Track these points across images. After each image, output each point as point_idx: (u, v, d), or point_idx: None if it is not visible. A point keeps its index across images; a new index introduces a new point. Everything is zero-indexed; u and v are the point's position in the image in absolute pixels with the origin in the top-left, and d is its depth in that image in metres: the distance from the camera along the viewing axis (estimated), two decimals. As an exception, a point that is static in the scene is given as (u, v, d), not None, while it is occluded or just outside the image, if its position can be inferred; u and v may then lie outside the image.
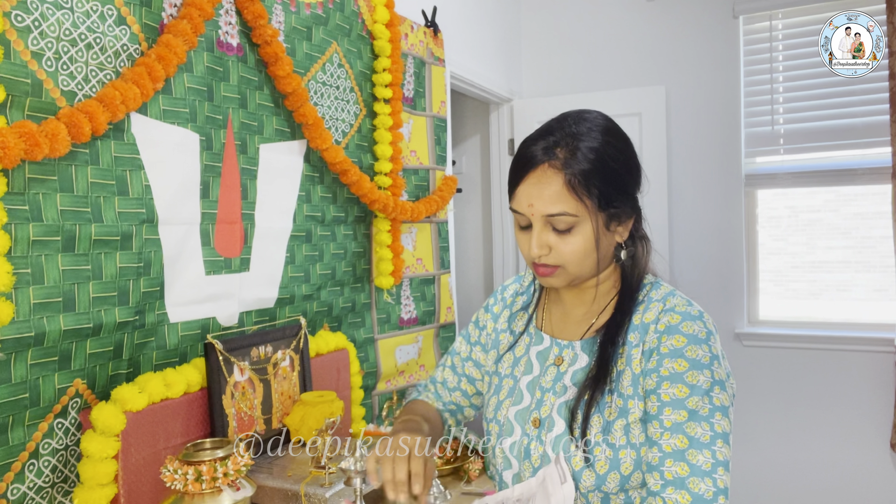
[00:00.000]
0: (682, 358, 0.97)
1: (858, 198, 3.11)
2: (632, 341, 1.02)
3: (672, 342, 0.98)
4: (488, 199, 3.71)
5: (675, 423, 0.95)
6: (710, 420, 0.95)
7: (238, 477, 1.20)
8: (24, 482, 1.18)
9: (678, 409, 0.96)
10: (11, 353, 1.14)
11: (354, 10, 2.03)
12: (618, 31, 3.43)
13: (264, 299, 1.72)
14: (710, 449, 0.94)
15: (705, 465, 0.93)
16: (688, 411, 0.95)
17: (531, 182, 1.00)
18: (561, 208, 0.98)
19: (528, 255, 1.05)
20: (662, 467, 0.95)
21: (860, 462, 3.00)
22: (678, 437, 0.95)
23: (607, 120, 1.05)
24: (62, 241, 1.21)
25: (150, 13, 1.37)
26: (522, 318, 1.19)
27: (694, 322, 0.99)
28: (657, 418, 0.97)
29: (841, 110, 3.05)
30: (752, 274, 3.28)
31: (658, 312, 1.02)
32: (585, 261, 1.02)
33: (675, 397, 0.96)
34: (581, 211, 0.99)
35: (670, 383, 0.96)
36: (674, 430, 0.95)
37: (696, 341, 0.97)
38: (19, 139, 1.06)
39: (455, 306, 2.65)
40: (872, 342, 2.96)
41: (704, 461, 0.93)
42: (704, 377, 0.96)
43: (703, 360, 0.96)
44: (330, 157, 1.84)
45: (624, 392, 1.01)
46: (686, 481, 0.93)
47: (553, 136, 1.01)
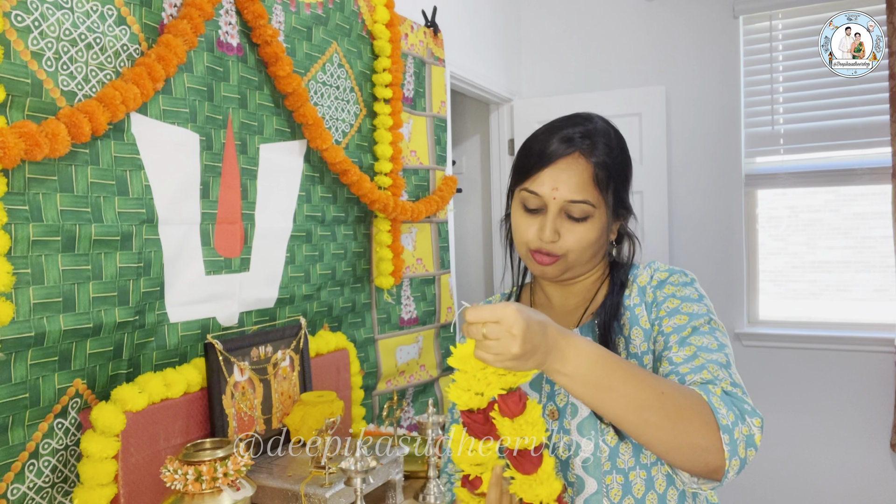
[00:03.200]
0: (674, 297, 1.03)
1: (858, 198, 3.11)
2: (633, 304, 1.06)
3: (664, 291, 1.04)
4: (488, 199, 3.71)
5: (681, 339, 0.98)
6: (714, 335, 0.98)
7: (238, 477, 1.20)
8: (24, 482, 1.18)
9: (681, 331, 0.99)
10: (11, 353, 1.14)
11: (354, 10, 2.03)
12: (618, 31, 3.43)
13: (264, 299, 1.72)
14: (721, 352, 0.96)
15: (720, 359, 0.94)
16: (691, 328, 0.98)
17: (561, 167, 1.02)
18: (584, 196, 1.02)
19: (531, 239, 1.05)
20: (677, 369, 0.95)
21: (860, 462, 3.00)
22: (686, 348, 0.96)
23: (612, 124, 1.12)
24: (62, 241, 1.21)
25: (150, 13, 1.37)
26: None
27: (679, 274, 1.07)
28: (666, 347, 0.99)
29: (841, 110, 3.05)
30: (752, 274, 3.28)
31: (648, 274, 1.08)
32: (586, 252, 1.05)
33: (677, 325, 1.00)
34: (599, 202, 1.03)
35: (669, 317, 1.01)
36: (680, 344, 0.97)
37: (684, 284, 1.05)
38: (19, 139, 1.06)
39: (455, 306, 2.65)
40: (872, 342, 2.96)
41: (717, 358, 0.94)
42: (698, 307, 1.01)
43: (693, 296, 1.03)
44: (330, 157, 1.84)
45: (637, 352, 1.03)
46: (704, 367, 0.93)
47: (577, 128, 1.04)
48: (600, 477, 1.01)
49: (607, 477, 1.01)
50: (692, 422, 0.83)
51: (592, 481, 1.02)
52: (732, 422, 0.84)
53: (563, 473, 1.04)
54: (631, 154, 1.12)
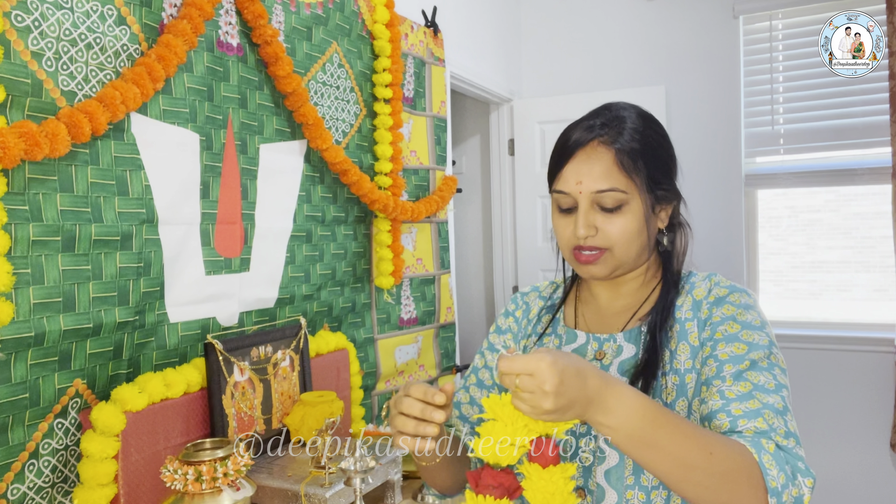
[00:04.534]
0: (734, 321, 0.96)
1: (858, 198, 3.11)
2: (684, 318, 1.00)
3: (723, 311, 0.97)
4: (488, 199, 3.71)
5: (737, 371, 0.91)
6: (773, 372, 0.91)
7: (238, 477, 1.20)
8: (24, 482, 1.18)
9: (738, 362, 0.92)
10: (11, 353, 1.14)
11: (354, 10, 2.03)
12: (618, 31, 3.43)
13: (264, 299, 1.72)
14: (778, 395, 0.89)
15: (777, 405, 0.87)
16: (749, 361, 0.91)
17: (580, 160, 0.98)
18: (611, 184, 0.96)
19: (570, 239, 1.01)
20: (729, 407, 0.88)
21: (860, 462, 3.00)
22: (742, 384, 0.90)
23: (643, 109, 1.06)
24: (62, 241, 1.21)
25: (150, 13, 1.37)
26: (547, 319, 1.13)
27: (740, 294, 0.99)
28: (718, 376, 0.92)
29: (841, 110, 3.05)
30: (752, 274, 3.28)
31: (707, 288, 1.02)
32: (633, 243, 0.99)
33: (734, 354, 0.93)
34: (631, 188, 0.97)
35: (726, 343, 0.94)
36: (736, 378, 0.90)
37: (746, 307, 0.97)
38: (19, 139, 1.06)
39: (455, 306, 2.65)
40: (872, 342, 2.96)
41: (775, 402, 0.88)
42: (759, 336, 0.94)
43: (755, 322, 0.96)
44: (330, 157, 1.84)
45: (681, 368, 0.98)
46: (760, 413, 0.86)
47: (598, 118, 1.01)
48: (622, 490, 0.97)
49: (629, 491, 0.96)
50: (739, 484, 0.79)
51: (613, 493, 0.97)
52: (783, 484, 0.80)
53: (585, 480, 1.00)
54: None
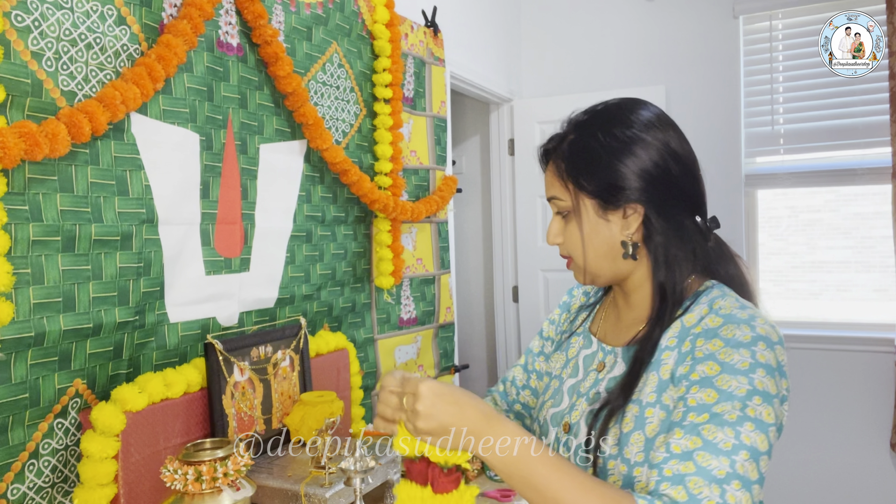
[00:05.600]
0: (715, 361, 0.84)
1: (858, 198, 3.11)
2: (665, 345, 0.91)
3: (709, 346, 0.86)
4: (488, 199, 3.71)
5: (692, 424, 0.81)
6: (738, 428, 0.79)
7: (238, 477, 1.20)
8: (24, 482, 1.18)
9: (702, 413, 0.82)
10: (11, 353, 1.14)
11: (354, 10, 2.03)
12: (618, 31, 3.43)
13: (264, 299, 1.72)
14: (729, 458, 0.78)
15: (717, 471, 0.77)
16: (710, 414, 0.81)
17: (547, 171, 1.02)
18: (552, 192, 0.99)
19: None
20: (664, 465, 0.81)
21: (860, 462, 3.00)
22: (691, 439, 0.80)
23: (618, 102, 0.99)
24: (62, 241, 1.21)
25: (150, 13, 1.37)
26: (582, 318, 1.14)
27: (738, 326, 0.86)
28: (678, 424, 0.83)
29: (841, 110, 3.05)
30: (752, 274, 3.28)
31: (700, 315, 0.90)
32: (588, 251, 0.97)
33: (702, 402, 0.82)
34: (565, 194, 0.97)
35: (699, 387, 0.83)
36: (689, 431, 0.81)
37: (736, 345, 0.84)
38: (19, 139, 1.06)
39: (455, 306, 2.65)
40: (872, 342, 2.96)
41: (718, 467, 0.78)
42: (739, 383, 0.82)
43: (741, 365, 0.83)
44: (330, 157, 1.84)
45: (643, 399, 0.90)
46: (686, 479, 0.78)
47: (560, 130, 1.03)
48: None
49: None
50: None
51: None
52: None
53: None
54: None
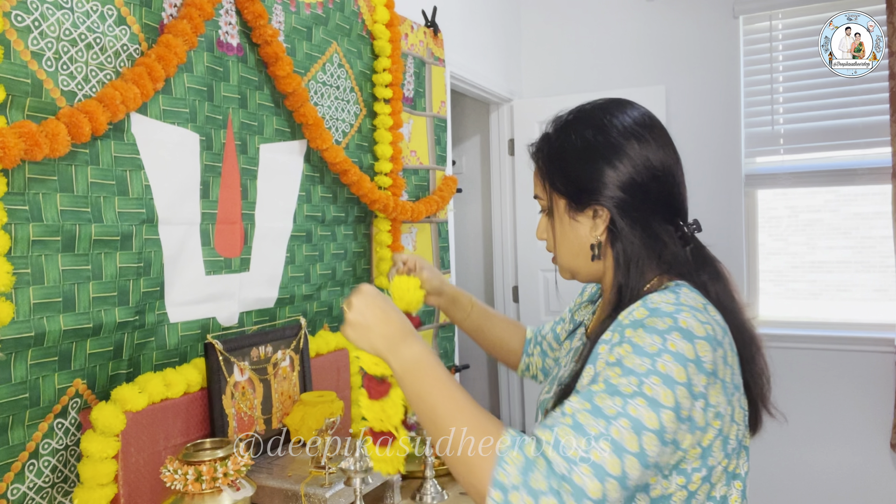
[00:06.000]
0: (628, 343, 0.83)
1: (858, 198, 3.11)
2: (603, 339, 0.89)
3: (626, 334, 0.84)
4: (488, 199, 3.71)
5: (589, 391, 0.81)
6: (628, 400, 0.78)
7: (238, 477, 1.20)
8: (24, 482, 1.18)
9: (601, 383, 0.81)
10: (11, 353, 1.14)
11: (354, 10, 2.03)
12: (618, 31, 3.43)
13: (264, 299, 1.72)
14: (608, 421, 0.77)
15: (591, 429, 0.77)
16: (608, 385, 0.80)
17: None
18: (535, 191, 1.04)
19: None
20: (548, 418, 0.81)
21: (860, 462, 3.00)
22: (583, 402, 0.80)
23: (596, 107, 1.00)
24: (62, 241, 1.21)
25: (150, 13, 1.37)
26: (584, 311, 1.22)
27: (660, 317, 0.84)
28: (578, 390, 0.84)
29: (841, 110, 3.05)
30: (752, 274, 3.28)
31: (633, 309, 0.88)
32: (562, 248, 1.01)
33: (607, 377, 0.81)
34: (544, 194, 1.01)
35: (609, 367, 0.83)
36: (584, 396, 0.81)
37: (651, 331, 0.83)
38: (19, 139, 1.06)
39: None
40: (872, 342, 2.96)
41: (593, 426, 0.77)
42: (642, 362, 0.80)
43: (650, 348, 0.81)
44: (330, 157, 1.84)
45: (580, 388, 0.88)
46: (559, 428, 0.78)
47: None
48: None
49: None
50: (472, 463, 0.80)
51: None
52: (513, 484, 0.75)
53: None
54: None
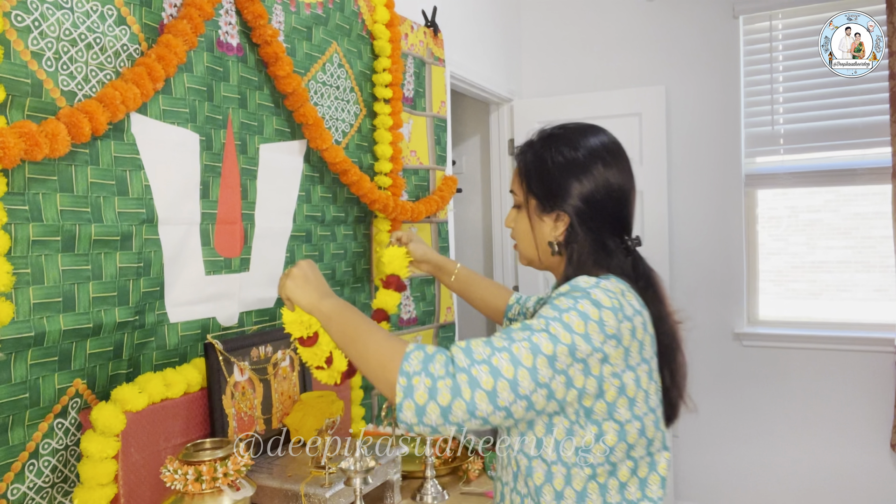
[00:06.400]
0: (548, 305, 0.99)
1: (858, 198, 3.11)
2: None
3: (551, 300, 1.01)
4: (488, 199, 3.71)
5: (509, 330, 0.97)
6: (533, 331, 0.95)
7: (238, 477, 1.20)
8: (24, 482, 1.18)
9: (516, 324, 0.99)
10: (11, 353, 1.14)
11: (354, 10, 2.03)
12: (618, 31, 3.43)
13: (264, 299, 1.72)
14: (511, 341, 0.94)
15: (497, 342, 0.95)
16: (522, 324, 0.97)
17: None
18: (512, 186, 1.20)
19: None
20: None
21: (860, 462, 3.00)
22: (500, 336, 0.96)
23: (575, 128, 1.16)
24: (62, 241, 1.21)
25: (150, 13, 1.37)
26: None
27: (579, 290, 1.00)
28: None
29: (841, 110, 3.05)
30: (751, 274, 3.28)
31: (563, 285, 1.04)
32: (523, 240, 1.17)
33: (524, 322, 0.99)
34: (520, 192, 1.17)
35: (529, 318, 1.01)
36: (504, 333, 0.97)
37: (567, 295, 0.99)
38: (19, 139, 1.06)
39: (455, 306, 2.65)
40: (872, 342, 2.96)
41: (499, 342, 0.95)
42: (552, 312, 0.97)
43: (562, 305, 0.97)
44: (330, 157, 1.84)
45: None
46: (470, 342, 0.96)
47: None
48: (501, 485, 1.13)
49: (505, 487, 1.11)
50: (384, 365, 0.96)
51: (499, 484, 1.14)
52: (416, 371, 0.92)
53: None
54: (630, 154, 1.14)
